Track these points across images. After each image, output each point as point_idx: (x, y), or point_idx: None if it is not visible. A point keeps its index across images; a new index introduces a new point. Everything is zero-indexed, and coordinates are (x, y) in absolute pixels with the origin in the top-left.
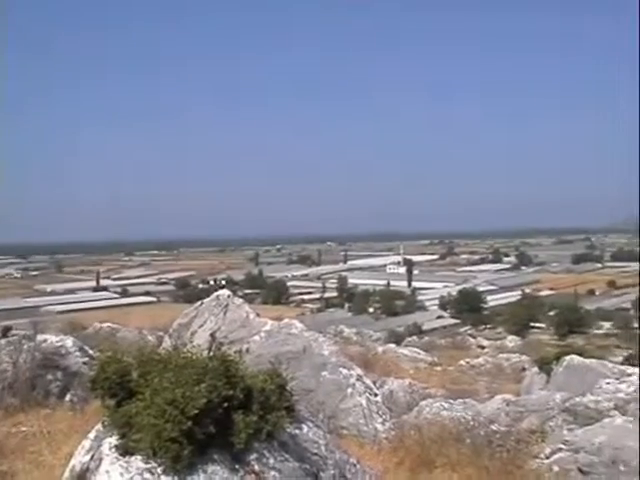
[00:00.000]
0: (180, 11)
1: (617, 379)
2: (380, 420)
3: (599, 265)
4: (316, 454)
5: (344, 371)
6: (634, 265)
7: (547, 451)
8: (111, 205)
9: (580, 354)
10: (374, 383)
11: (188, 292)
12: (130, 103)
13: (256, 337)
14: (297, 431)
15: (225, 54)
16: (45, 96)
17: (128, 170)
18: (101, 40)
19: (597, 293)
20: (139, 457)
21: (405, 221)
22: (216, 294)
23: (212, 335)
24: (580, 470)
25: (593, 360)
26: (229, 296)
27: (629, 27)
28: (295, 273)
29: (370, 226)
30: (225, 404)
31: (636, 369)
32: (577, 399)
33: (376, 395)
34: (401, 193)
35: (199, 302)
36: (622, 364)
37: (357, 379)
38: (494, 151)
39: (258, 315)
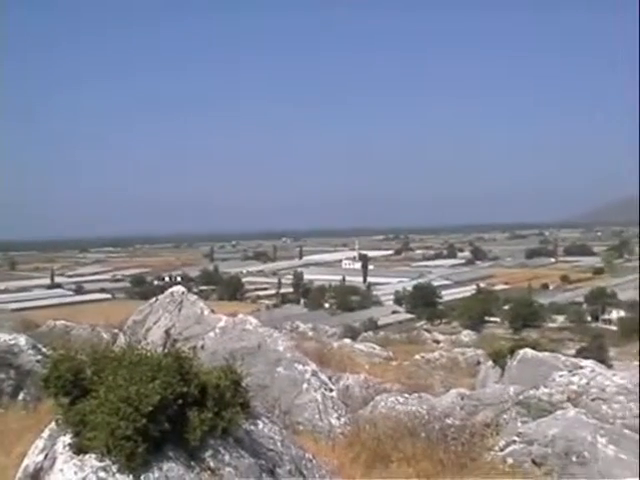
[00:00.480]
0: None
1: (570, 372)
2: (335, 415)
3: (552, 260)
4: (272, 450)
5: (299, 367)
6: (587, 259)
7: (501, 444)
8: (65, 202)
9: (534, 347)
10: (330, 378)
11: (143, 289)
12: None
13: (211, 333)
14: (252, 427)
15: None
16: None
17: (83, 167)
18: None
19: (551, 287)
20: (93, 455)
21: (360, 217)
22: (170, 291)
23: (167, 332)
24: (534, 462)
25: (546, 353)
26: (183, 293)
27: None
28: (250, 269)
29: (325, 222)
30: (180, 401)
31: (589, 362)
32: (531, 392)
33: (331, 390)
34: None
35: (153, 299)
36: (575, 357)
37: (312, 375)
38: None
39: (213, 311)
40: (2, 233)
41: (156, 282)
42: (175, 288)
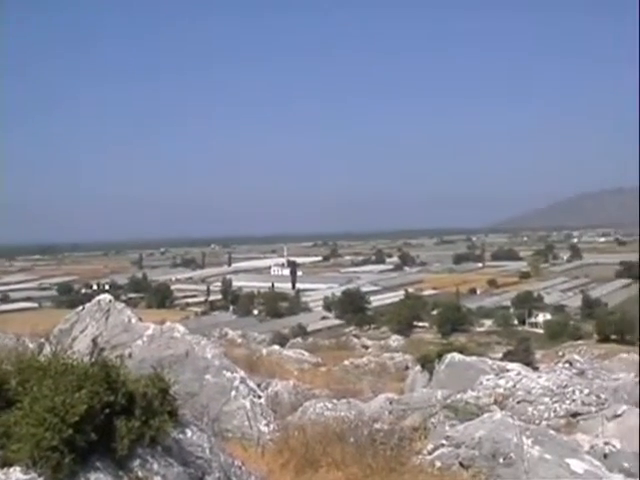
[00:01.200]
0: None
1: (497, 375)
2: (264, 422)
3: (480, 264)
4: (201, 458)
5: (227, 374)
6: (514, 264)
7: (430, 447)
8: None
9: (461, 352)
10: (258, 385)
11: (71, 297)
12: None
13: (138, 341)
14: (181, 435)
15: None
16: None
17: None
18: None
19: (478, 292)
20: (18, 468)
21: (289, 223)
22: (97, 299)
23: (93, 340)
24: (461, 464)
25: (473, 357)
26: (110, 301)
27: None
28: (179, 276)
29: (254, 228)
30: (107, 410)
31: (515, 365)
32: (458, 396)
33: (260, 397)
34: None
35: (80, 307)
36: (502, 360)
37: (241, 381)
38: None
39: (140, 319)
40: None
41: (84, 290)
42: (102, 296)
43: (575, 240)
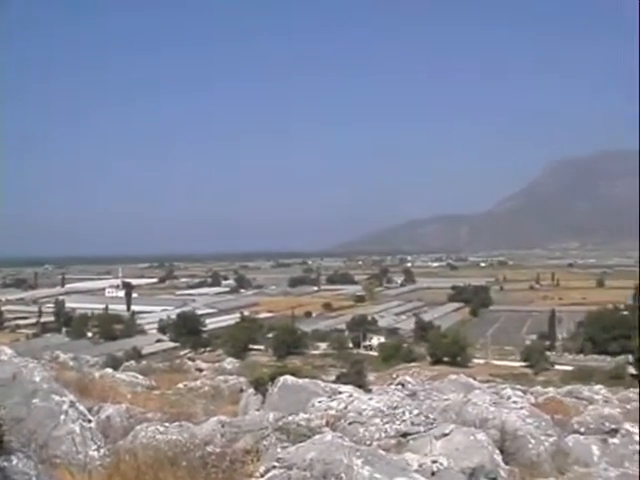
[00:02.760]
0: None
1: (329, 397)
2: (95, 447)
3: (315, 288)
4: None
5: (56, 398)
6: (349, 287)
7: (261, 469)
8: None
9: (294, 374)
10: (89, 409)
11: None
12: None
13: None
14: (6, 463)
15: None
16: None
17: None
18: None
19: (314, 315)
20: None
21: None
22: None
23: None
24: None
25: (306, 380)
26: None
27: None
28: (10, 297)
29: (89, 249)
30: None
31: (348, 387)
32: (290, 418)
33: (90, 421)
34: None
35: None
36: (335, 382)
37: (70, 406)
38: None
39: None
40: None
41: None
42: None
43: (409, 264)
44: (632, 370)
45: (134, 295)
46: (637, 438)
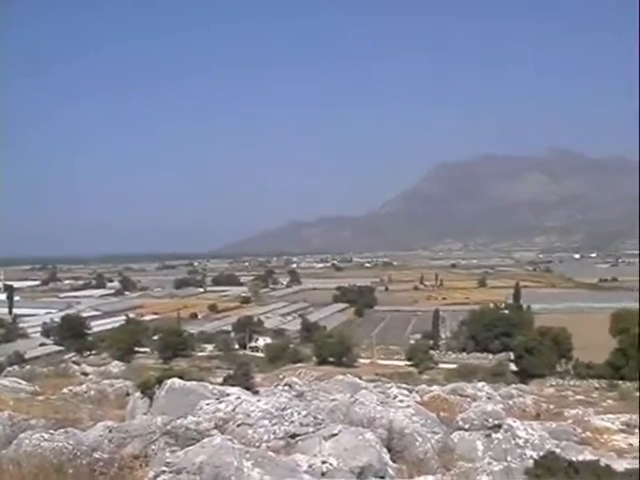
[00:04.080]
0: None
1: (217, 399)
2: None
3: (201, 289)
4: None
5: None
6: (235, 289)
7: (151, 474)
8: None
9: (181, 377)
10: None
11: None
12: None
13: None
14: None
15: None
16: None
17: None
18: None
19: (200, 317)
20: None
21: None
22: None
23: None
24: None
25: (194, 382)
26: None
27: None
28: None
29: None
30: None
31: (235, 389)
32: (178, 421)
33: None
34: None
35: None
36: (222, 384)
37: None
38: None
39: None
40: None
41: None
42: None
43: (294, 265)
44: (513, 367)
45: (16, 298)
46: (519, 433)
